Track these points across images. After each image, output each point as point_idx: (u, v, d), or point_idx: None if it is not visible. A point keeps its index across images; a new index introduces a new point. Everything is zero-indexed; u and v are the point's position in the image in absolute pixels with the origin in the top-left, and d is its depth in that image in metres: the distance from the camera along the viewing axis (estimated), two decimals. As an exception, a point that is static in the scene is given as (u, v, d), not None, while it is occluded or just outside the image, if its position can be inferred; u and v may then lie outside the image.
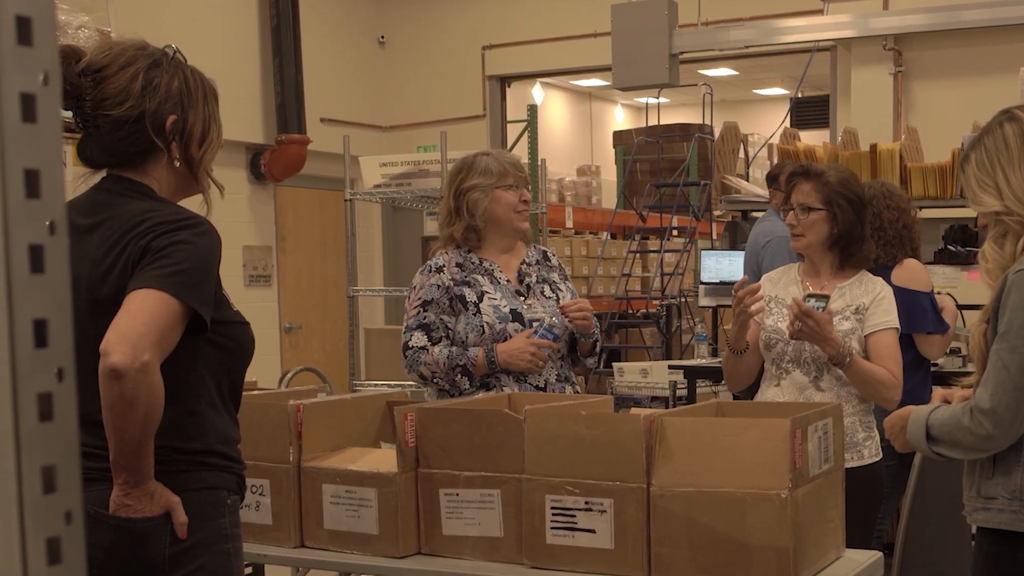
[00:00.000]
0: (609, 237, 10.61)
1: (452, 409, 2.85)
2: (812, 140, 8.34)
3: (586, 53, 10.34)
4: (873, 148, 6.85)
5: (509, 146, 9.83)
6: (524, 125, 9.42)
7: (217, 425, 2.26)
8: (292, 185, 10.04)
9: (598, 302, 10.02)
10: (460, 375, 3.58)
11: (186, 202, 2.32)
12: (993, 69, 8.66)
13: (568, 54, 10.61)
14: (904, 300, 4.29)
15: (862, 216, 3.64)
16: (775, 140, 8.39)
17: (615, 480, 2.56)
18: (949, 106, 8.79)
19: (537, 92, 13.88)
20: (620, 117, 16.74)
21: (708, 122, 10.86)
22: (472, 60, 10.98)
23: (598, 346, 3.80)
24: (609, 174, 12.87)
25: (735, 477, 2.46)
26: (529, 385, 3.61)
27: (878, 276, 3.74)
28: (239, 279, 9.35)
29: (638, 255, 10.50)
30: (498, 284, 3.68)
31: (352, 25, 10.90)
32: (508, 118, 11.21)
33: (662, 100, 11.17)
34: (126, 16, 7.33)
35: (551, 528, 2.63)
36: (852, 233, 3.61)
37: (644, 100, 12.42)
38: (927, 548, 3.84)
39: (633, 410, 3.23)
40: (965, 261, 6.55)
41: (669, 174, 10.67)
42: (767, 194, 7.64)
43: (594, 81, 14.46)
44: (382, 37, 11.23)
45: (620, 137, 12.08)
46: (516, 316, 3.64)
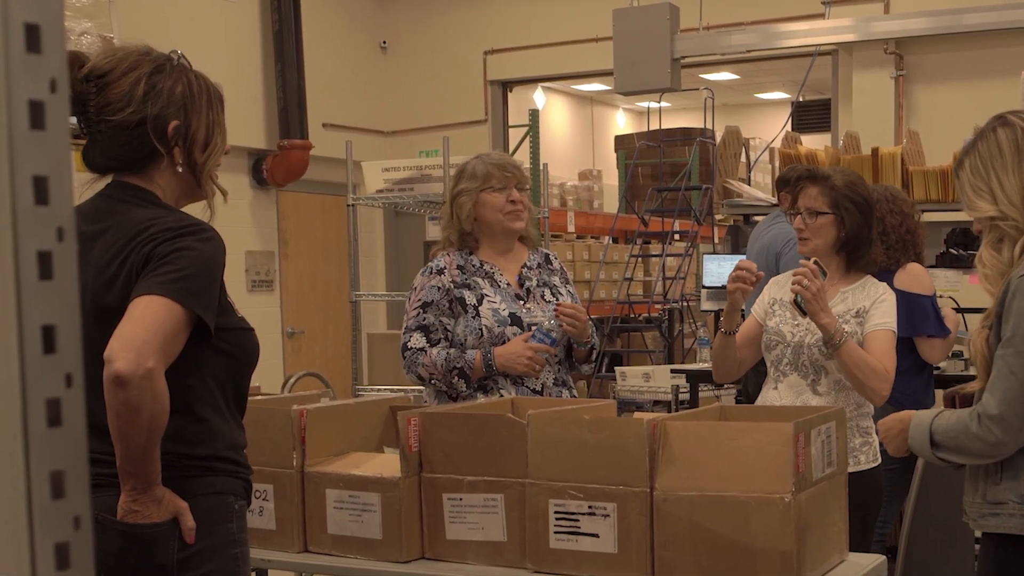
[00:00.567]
0: (611, 241, 10.60)
1: (455, 414, 2.85)
2: (813, 144, 8.33)
3: (588, 57, 10.35)
4: (875, 152, 6.86)
5: (511, 150, 9.83)
6: (526, 130, 9.42)
7: (224, 431, 2.26)
8: (294, 190, 10.05)
9: (600, 306, 10.02)
10: (457, 377, 3.59)
11: (190, 208, 2.33)
12: (994, 73, 8.66)
13: (570, 59, 10.62)
14: (906, 303, 4.29)
15: (869, 220, 3.64)
16: (776, 144, 8.40)
17: (618, 484, 2.56)
18: (950, 110, 8.79)
19: (539, 97, 13.88)
20: (622, 121, 16.75)
21: (709, 126, 10.87)
22: (474, 65, 10.99)
23: (595, 353, 3.79)
24: (611, 178, 12.87)
25: (738, 481, 2.46)
26: (526, 388, 3.62)
27: (881, 279, 3.74)
28: (241, 284, 9.35)
29: (640, 259, 10.50)
30: (498, 287, 3.70)
31: (354, 30, 10.91)
32: (510, 123, 11.21)
33: (663, 104, 11.17)
34: (129, 22, 7.34)
35: (554, 532, 2.63)
36: (859, 236, 3.61)
37: (646, 104, 12.43)
38: (930, 551, 3.84)
39: (636, 414, 3.23)
40: (967, 265, 6.55)
41: (671, 178, 10.68)
42: (768, 198, 7.65)
43: (596, 85, 14.47)
44: (384, 42, 11.24)
45: (622, 141, 12.08)
46: (515, 320, 3.65)
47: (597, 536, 2.58)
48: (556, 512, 2.62)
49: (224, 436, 2.26)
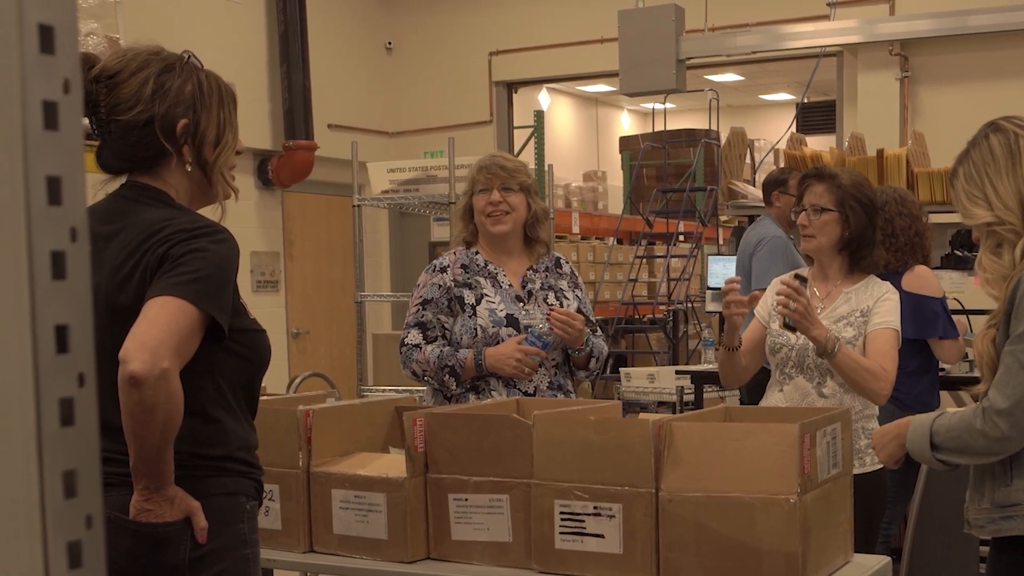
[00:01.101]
0: (615, 242, 10.60)
1: (461, 414, 2.86)
2: (819, 145, 8.34)
3: (593, 59, 10.35)
4: (880, 153, 6.85)
5: (516, 152, 9.84)
6: (531, 131, 9.43)
7: (237, 431, 2.27)
8: (300, 191, 10.05)
9: (604, 307, 10.02)
10: (448, 375, 3.59)
11: (203, 210, 2.33)
12: (1000, 74, 8.65)
13: (575, 60, 10.62)
14: (914, 305, 4.29)
15: (874, 220, 3.63)
16: (781, 145, 8.39)
17: (624, 485, 2.56)
18: (956, 111, 8.77)
19: (544, 98, 13.88)
20: (626, 123, 16.74)
21: (714, 127, 10.87)
22: (479, 66, 10.99)
23: (593, 362, 3.74)
24: (615, 179, 12.86)
25: (744, 482, 2.46)
26: (518, 391, 3.61)
27: (888, 282, 3.73)
28: (247, 285, 9.36)
29: (644, 260, 10.50)
30: (499, 288, 3.69)
31: (359, 31, 10.92)
32: (515, 124, 11.21)
33: (668, 105, 11.17)
34: (134, 23, 7.36)
35: (560, 533, 2.64)
36: (863, 237, 3.59)
37: (650, 106, 12.41)
38: (935, 553, 3.84)
39: (641, 415, 3.23)
40: (971, 266, 6.54)
41: (675, 179, 10.68)
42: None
43: (600, 87, 14.47)
44: (389, 43, 11.24)
45: (626, 143, 12.08)
46: (511, 321, 3.64)
47: (602, 537, 2.59)
48: (561, 513, 2.63)
49: (237, 437, 2.26)
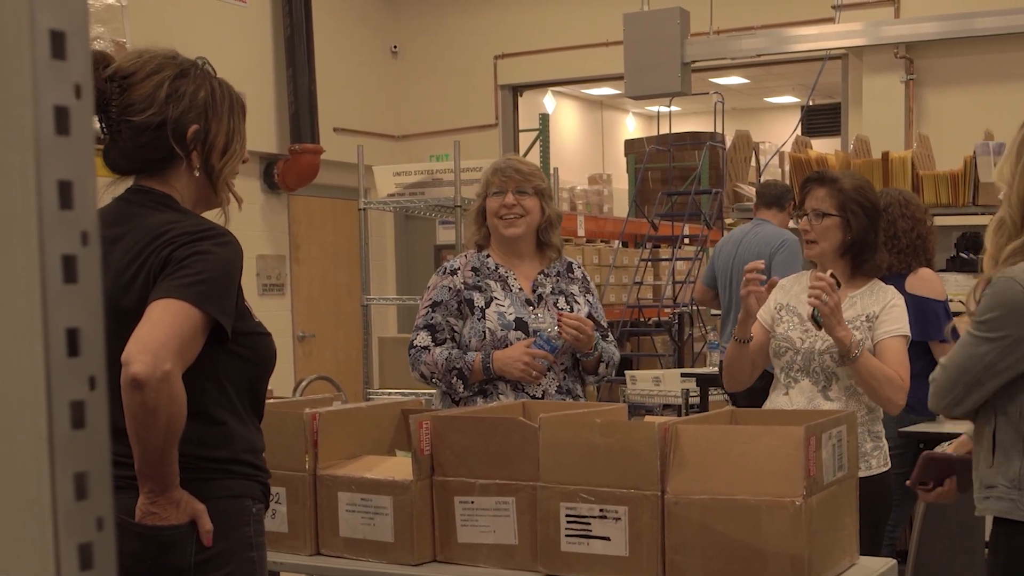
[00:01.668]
0: (621, 245, 10.60)
1: (467, 417, 2.86)
2: (824, 148, 8.35)
3: (598, 62, 10.36)
4: (885, 156, 6.85)
5: (522, 154, 9.84)
6: (536, 134, 9.44)
7: (243, 434, 2.27)
8: (305, 194, 10.07)
9: (610, 310, 10.02)
10: (456, 378, 3.59)
11: (206, 214, 2.34)
12: (1005, 77, 8.66)
13: (580, 63, 10.63)
14: (918, 308, 4.29)
15: (876, 224, 3.61)
16: (787, 148, 8.40)
17: (630, 488, 2.56)
18: (961, 114, 8.78)
19: (549, 101, 13.90)
20: (631, 126, 16.75)
21: (719, 130, 10.87)
22: (484, 69, 11.01)
23: (603, 367, 3.73)
24: (621, 182, 12.87)
25: (749, 485, 2.46)
26: (526, 395, 3.59)
27: (891, 284, 3.72)
28: (252, 288, 9.37)
29: (650, 263, 10.50)
30: (510, 291, 3.68)
31: (365, 35, 10.94)
32: (520, 127, 11.23)
33: (673, 109, 11.18)
34: (141, 27, 7.37)
35: (566, 536, 2.64)
36: (865, 241, 3.57)
37: (655, 109, 12.42)
38: (940, 555, 3.84)
39: (646, 418, 3.23)
40: (976, 268, 6.53)
41: (680, 182, 10.68)
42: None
43: (606, 90, 14.47)
44: (395, 47, 11.26)
45: (631, 146, 12.08)
46: (520, 324, 3.62)
47: (608, 539, 2.59)
48: (567, 515, 2.63)
49: (242, 439, 2.27)
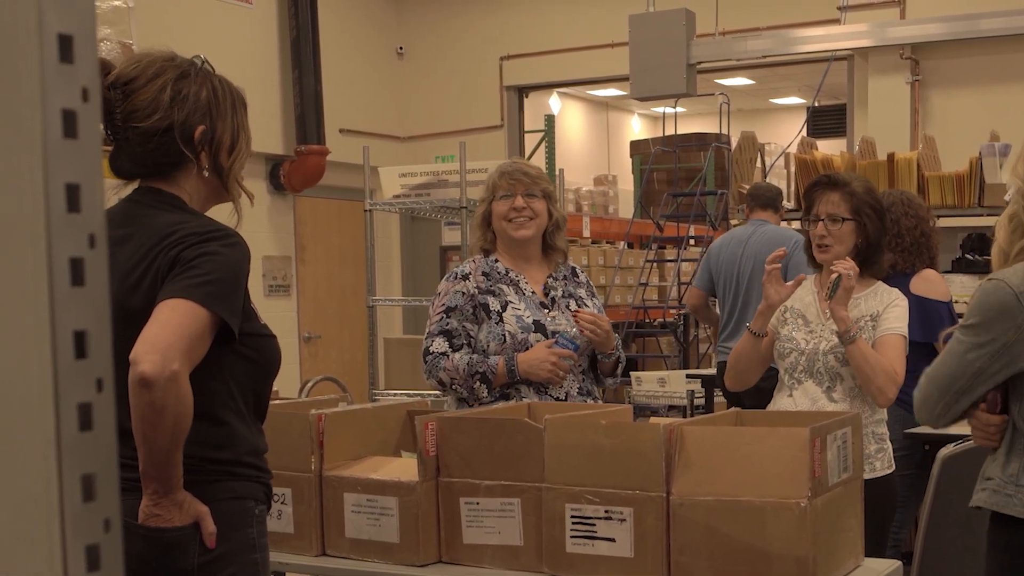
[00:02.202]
0: (626, 246, 10.60)
1: (472, 418, 2.87)
2: (829, 149, 8.33)
3: (603, 63, 10.36)
4: (890, 157, 6.85)
5: (527, 156, 9.85)
6: (541, 135, 9.44)
7: (246, 435, 2.27)
8: (311, 195, 10.08)
9: (615, 311, 10.02)
10: (479, 382, 3.57)
11: (217, 212, 2.34)
12: (1011, 78, 8.64)
13: (586, 64, 10.63)
14: (922, 309, 4.29)
15: (886, 226, 3.63)
16: (792, 149, 8.39)
17: (635, 489, 2.56)
18: (966, 115, 8.77)
19: (554, 102, 13.89)
20: (637, 127, 16.74)
21: (725, 131, 10.87)
22: (490, 70, 11.01)
23: (620, 368, 3.74)
24: (626, 183, 12.86)
25: (754, 486, 2.46)
26: (549, 396, 3.59)
27: (896, 284, 3.72)
28: (258, 289, 9.39)
29: (655, 264, 10.50)
30: (523, 295, 3.68)
31: (371, 36, 10.95)
32: (526, 128, 11.23)
33: (679, 110, 11.18)
34: (147, 29, 7.38)
35: (571, 537, 2.64)
36: (876, 243, 3.58)
37: (661, 110, 12.42)
38: (945, 557, 3.84)
39: (651, 419, 3.24)
40: (982, 270, 6.53)
41: (686, 183, 10.68)
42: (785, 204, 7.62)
43: (611, 91, 14.47)
44: (400, 48, 11.27)
45: (637, 147, 12.08)
46: (539, 327, 3.62)
47: (613, 540, 2.59)
48: (572, 516, 2.63)
49: (246, 441, 2.27)
